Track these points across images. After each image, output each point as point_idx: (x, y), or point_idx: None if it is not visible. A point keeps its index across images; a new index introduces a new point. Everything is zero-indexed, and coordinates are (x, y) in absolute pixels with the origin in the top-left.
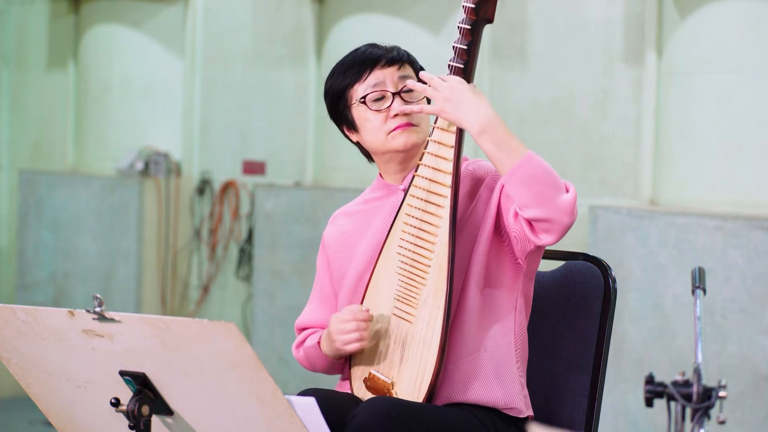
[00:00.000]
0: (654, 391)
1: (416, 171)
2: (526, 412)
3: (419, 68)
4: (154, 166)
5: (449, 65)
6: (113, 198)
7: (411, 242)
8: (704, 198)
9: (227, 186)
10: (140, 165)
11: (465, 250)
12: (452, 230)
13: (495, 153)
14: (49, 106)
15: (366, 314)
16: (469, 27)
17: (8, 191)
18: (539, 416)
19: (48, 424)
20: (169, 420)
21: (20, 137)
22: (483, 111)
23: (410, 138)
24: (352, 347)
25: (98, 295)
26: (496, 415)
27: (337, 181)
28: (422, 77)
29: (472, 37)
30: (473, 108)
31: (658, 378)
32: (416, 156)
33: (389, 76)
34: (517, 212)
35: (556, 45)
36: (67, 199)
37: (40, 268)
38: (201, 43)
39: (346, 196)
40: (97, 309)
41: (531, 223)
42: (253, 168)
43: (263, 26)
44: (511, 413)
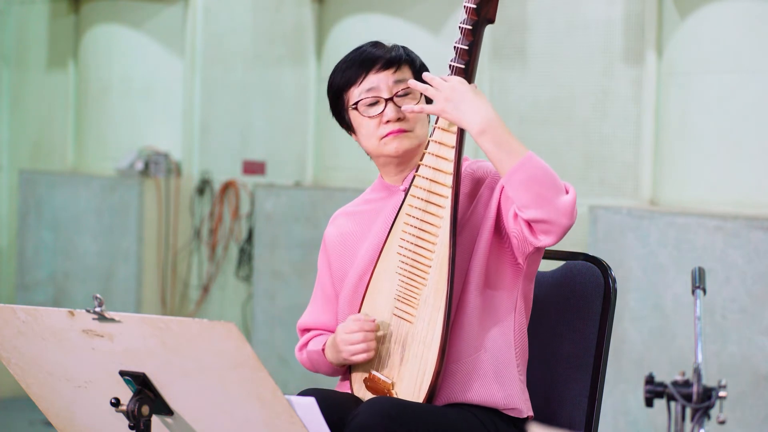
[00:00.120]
0: (654, 391)
1: (417, 171)
2: (527, 413)
3: (420, 66)
4: (154, 166)
5: (450, 65)
6: (113, 198)
7: (411, 242)
8: (704, 198)
9: (227, 186)
10: (140, 165)
11: (465, 251)
12: (453, 230)
13: (495, 153)
14: (49, 106)
15: (373, 324)
16: (471, 27)
17: (8, 191)
18: (539, 416)
19: (48, 424)
20: (169, 420)
21: (20, 137)
22: (483, 111)
23: (402, 144)
24: (360, 358)
25: (98, 295)
26: (497, 416)
27: (337, 181)
28: (425, 78)
29: (474, 38)
30: (474, 108)
31: (658, 378)
32: (415, 157)
33: (384, 81)
34: (517, 213)
35: (556, 45)
36: (67, 199)
37: (40, 268)
38: (201, 43)
39: (346, 196)
40: (97, 309)
41: (530, 224)
42: (253, 168)
43: (263, 26)
44: (512, 413)
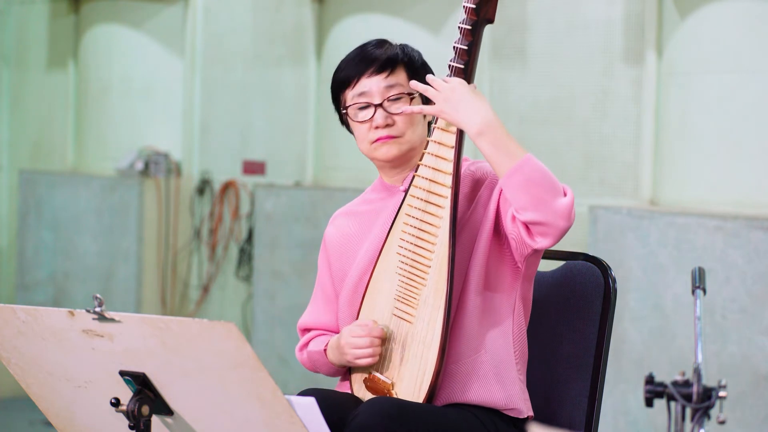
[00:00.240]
0: (654, 391)
1: (416, 171)
2: (527, 413)
3: (420, 65)
4: (154, 166)
5: (450, 65)
6: (113, 198)
7: (411, 242)
8: (704, 198)
9: (227, 186)
10: (140, 165)
11: (465, 251)
12: (452, 230)
13: (493, 155)
14: (49, 106)
15: (381, 331)
16: (470, 27)
17: (8, 191)
18: (539, 416)
19: (48, 424)
20: (169, 420)
21: (20, 137)
22: (482, 112)
23: (390, 150)
24: (364, 362)
25: (98, 295)
26: (497, 416)
27: (337, 181)
28: (427, 80)
29: (473, 38)
30: (472, 109)
31: (658, 378)
32: (415, 157)
33: (376, 85)
34: (515, 215)
35: (556, 45)
36: (67, 199)
37: (40, 268)
38: (201, 43)
39: (346, 196)
40: (97, 309)
41: (527, 226)
42: (253, 168)
43: (263, 26)
44: (512, 413)
